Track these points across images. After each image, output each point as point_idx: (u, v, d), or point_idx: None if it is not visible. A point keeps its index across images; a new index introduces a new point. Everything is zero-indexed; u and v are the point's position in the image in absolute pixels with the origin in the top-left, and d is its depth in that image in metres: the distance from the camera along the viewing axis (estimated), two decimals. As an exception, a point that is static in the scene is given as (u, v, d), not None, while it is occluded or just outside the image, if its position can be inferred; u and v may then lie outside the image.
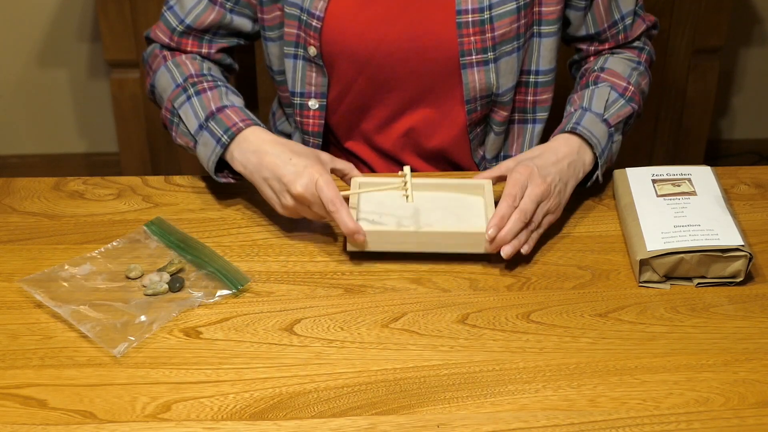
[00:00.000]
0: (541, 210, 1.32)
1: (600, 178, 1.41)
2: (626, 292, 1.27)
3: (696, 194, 1.37)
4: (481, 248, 1.29)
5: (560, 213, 1.36)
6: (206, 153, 1.38)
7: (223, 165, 1.39)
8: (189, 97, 1.42)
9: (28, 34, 2.68)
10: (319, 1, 1.44)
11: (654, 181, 1.40)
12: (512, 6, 1.43)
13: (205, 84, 1.43)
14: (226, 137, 1.36)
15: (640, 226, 1.32)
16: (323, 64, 1.48)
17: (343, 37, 1.46)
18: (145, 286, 1.26)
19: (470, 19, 1.43)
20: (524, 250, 1.30)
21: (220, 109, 1.39)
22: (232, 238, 1.36)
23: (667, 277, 1.29)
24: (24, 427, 1.07)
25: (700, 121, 2.55)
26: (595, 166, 1.41)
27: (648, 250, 1.27)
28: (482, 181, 1.38)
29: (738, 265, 1.27)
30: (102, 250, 1.32)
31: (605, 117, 1.43)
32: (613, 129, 1.43)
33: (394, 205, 1.35)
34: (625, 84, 1.48)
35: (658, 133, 2.56)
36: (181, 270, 1.29)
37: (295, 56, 1.49)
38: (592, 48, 1.55)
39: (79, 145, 2.86)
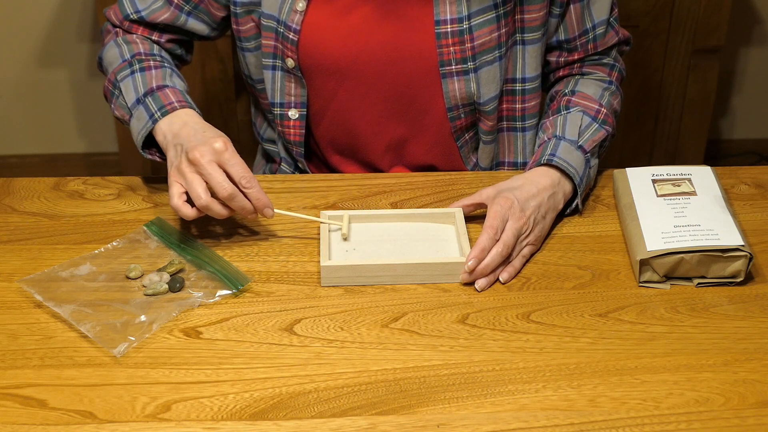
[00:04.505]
0: (519, 243, 1.31)
1: (580, 206, 1.41)
2: (626, 292, 1.27)
3: (696, 194, 1.37)
4: (457, 278, 1.28)
5: (540, 244, 1.35)
6: (138, 127, 1.38)
7: (152, 143, 1.40)
8: (132, 72, 1.42)
9: (28, 34, 2.68)
10: (295, 13, 1.43)
11: (654, 181, 1.40)
12: (492, 15, 1.42)
13: (151, 62, 1.44)
14: (159, 114, 1.36)
15: (640, 226, 1.32)
16: (302, 76, 1.48)
17: (321, 49, 1.45)
18: (145, 286, 1.26)
19: (449, 30, 1.42)
20: (503, 278, 1.29)
21: (160, 88, 1.39)
22: (232, 238, 1.36)
23: (667, 277, 1.29)
24: (24, 427, 1.07)
25: (700, 121, 2.55)
26: (575, 195, 1.40)
27: (648, 250, 1.27)
28: (453, 209, 1.37)
29: (738, 265, 1.27)
30: (102, 250, 1.32)
31: (580, 143, 1.41)
32: (589, 155, 1.42)
33: (365, 238, 1.34)
34: (597, 107, 1.47)
35: (658, 133, 2.56)
36: (181, 270, 1.29)
37: (274, 67, 1.49)
38: (562, 59, 1.53)
39: (79, 145, 2.86)
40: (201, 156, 1.26)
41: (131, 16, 1.50)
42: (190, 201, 1.28)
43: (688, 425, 1.08)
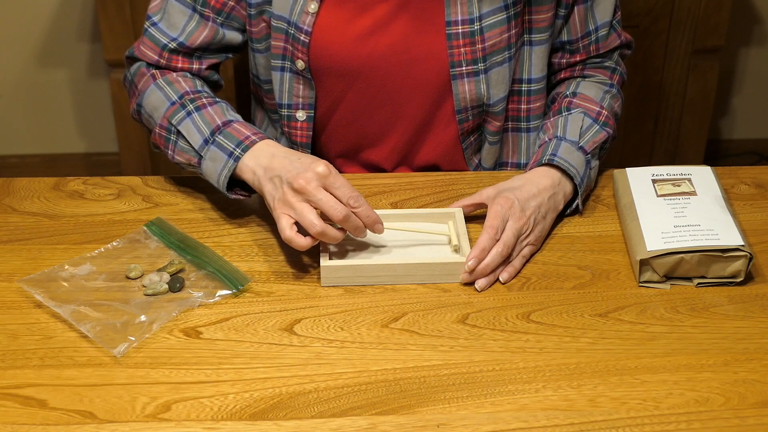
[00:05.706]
0: (519, 243, 1.31)
1: (580, 206, 1.41)
2: (626, 292, 1.27)
3: (696, 194, 1.37)
4: (457, 278, 1.28)
5: (540, 244, 1.35)
6: (216, 168, 1.33)
7: (232, 181, 1.36)
8: (189, 113, 1.38)
9: (28, 34, 2.68)
10: (306, 15, 1.42)
11: (654, 181, 1.40)
12: (502, 16, 1.42)
13: (204, 100, 1.40)
14: (239, 150, 1.31)
15: (640, 226, 1.32)
16: (311, 78, 1.47)
17: (332, 51, 1.44)
18: (145, 286, 1.26)
19: (460, 31, 1.42)
20: (503, 278, 1.29)
21: (227, 124, 1.35)
22: (232, 238, 1.36)
23: (667, 277, 1.29)
24: (24, 427, 1.07)
25: (700, 121, 2.55)
26: (575, 195, 1.40)
27: (648, 250, 1.27)
28: (453, 209, 1.37)
29: (738, 265, 1.27)
30: (102, 250, 1.32)
31: (581, 144, 1.41)
32: (589, 156, 1.42)
33: (365, 238, 1.33)
34: (598, 108, 1.47)
35: (658, 133, 2.56)
36: (181, 270, 1.29)
37: (282, 69, 1.48)
38: (564, 60, 1.53)
39: (79, 145, 2.86)
40: (307, 183, 1.22)
41: (170, 46, 1.44)
42: (300, 230, 1.25)
43: (688, 425, 1.08)
